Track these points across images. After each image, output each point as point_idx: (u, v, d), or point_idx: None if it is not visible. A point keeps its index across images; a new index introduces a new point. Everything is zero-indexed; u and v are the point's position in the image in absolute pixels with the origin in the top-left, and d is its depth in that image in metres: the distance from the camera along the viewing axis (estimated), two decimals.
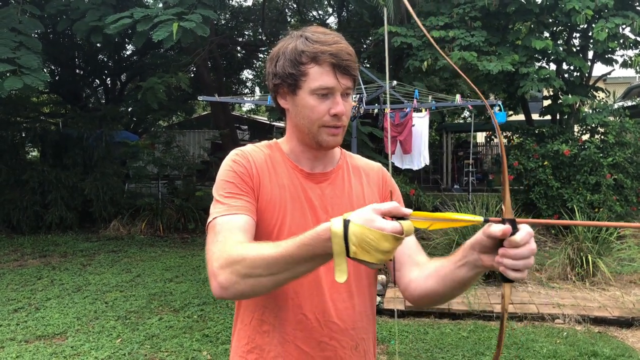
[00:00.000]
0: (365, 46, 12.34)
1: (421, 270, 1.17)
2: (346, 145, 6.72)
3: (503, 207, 0.92)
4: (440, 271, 1.09)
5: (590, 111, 9.05)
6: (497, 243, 0.91)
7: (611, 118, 8.91)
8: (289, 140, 1.31)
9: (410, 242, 1.26)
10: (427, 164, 7.92)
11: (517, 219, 0.88)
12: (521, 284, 5.89)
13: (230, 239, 1.07)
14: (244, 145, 1.36)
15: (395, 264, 1.24)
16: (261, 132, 19.48)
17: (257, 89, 18.64)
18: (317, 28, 1.23)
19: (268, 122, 19.51)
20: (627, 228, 6.18)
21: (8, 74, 7.06)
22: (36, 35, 8.20)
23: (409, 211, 0.91)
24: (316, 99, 1.19)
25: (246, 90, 18.59)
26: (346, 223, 0.89)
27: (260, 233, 1.20)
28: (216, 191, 1.20)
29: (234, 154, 1.26)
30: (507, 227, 0.88)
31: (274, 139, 1.36)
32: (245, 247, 1.03)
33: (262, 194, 1.22)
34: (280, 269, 0.98)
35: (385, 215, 0.90)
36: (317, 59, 1.17)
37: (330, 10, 15.62)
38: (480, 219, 0.90)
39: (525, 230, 0.88)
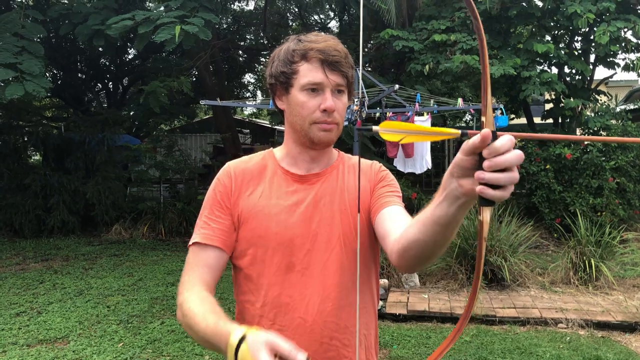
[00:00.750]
0: (366, 50, 12.34)
1: (405, 227, 1.10)
2: (348, 149, 6.69)
3: (483, 119, 0.79)
4: (420, 218, 0.99)
5: (593, 114, 9.02)
6: (477, 163, 0.80)
7: (613, 121, 8.88)
8: (285, 144, 1.34)
9: (398, 211, 1.24)
10: (430, 168, 7.90)
11: (498, 132, 0.77)
12: (524, 288, 5.87)
13: (193, 276, 1.26)
14: (245, 148, 1.40)
15: (382, 233, 1.21)
16: (263, 136, 19.51)
17: (258, 93, 18.68)
18: (313, 32, 1.27)
19: (270, 125, 19.54)
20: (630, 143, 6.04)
21: (10, 79, 7.06)
22: (38, 40, 8.21)
23: (302, 357, 0.89)
24: (306, 95, 1.21)
25: (248, 94, 18.61)
26: (242, 339, 0.93)
27: (248, 238, 1.26)
28: (201, 211, 1.31)
29: (220, 172, 1.35)
30: (486, 131, 0.76)
31: (270, 148, 1.39)
32: (191, 304, 1.16)
33: (244, 205, 1.27)
34: (201, 343, 1.14)
35: (278, 355, 0.89)
36: (306, 56, 1.20)
37: (331, 14, 15.62)
38: (458, 132, 0.81)
39: (505, 137, 0.76)
